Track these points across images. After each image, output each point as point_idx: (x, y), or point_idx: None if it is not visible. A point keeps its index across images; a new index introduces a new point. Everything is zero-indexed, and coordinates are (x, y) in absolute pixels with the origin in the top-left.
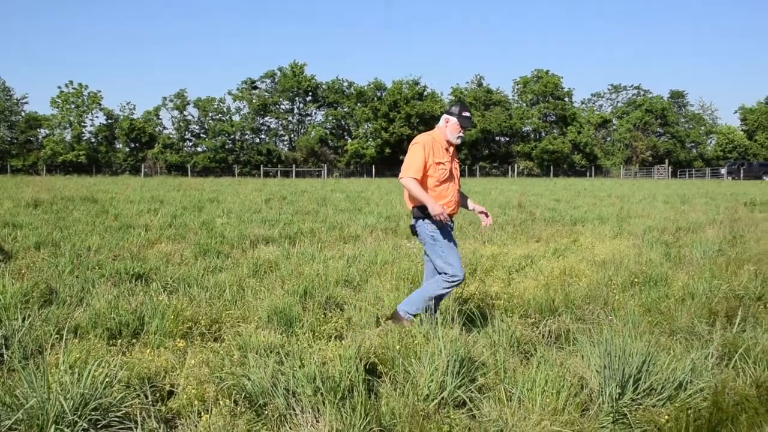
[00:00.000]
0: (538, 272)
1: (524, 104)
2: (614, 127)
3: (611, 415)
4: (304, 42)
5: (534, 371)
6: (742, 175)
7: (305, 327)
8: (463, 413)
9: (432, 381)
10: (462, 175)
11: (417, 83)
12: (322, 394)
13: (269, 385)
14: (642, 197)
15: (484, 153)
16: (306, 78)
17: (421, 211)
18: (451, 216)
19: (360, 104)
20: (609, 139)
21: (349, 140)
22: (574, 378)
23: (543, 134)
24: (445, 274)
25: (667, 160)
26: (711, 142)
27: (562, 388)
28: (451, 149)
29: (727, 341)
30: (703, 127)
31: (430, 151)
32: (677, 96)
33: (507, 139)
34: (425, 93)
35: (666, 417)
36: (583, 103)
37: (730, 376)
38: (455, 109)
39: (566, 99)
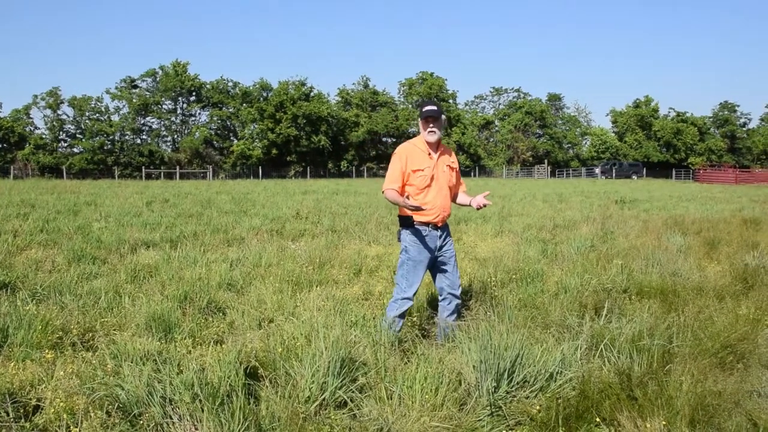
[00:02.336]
0: None
1: (410, 106)
2: (496, 128)
3: (488, 408)
4: (187, 40)
5: (414, 369)
6: (614, 175)
7: (185, 333)
8: (344, 413)
9: (313, 383)
10: (348, 175)
11: (303, 84)
12: (200, 400)
13: (145, 393)
14: (522, 196)
15: (371, 154)
16: (189, 77)
17: (403, 221)
18: (437, 225)
19: (246, 105)
20: (492, 140)
21: (235, 141)
22: (453, 374)
23: None
24: (397, 288)
25: (546, 160)
26: (586, 143)
27: (441, 384)
28: (437, 153)
29: (595, 332)
30: (578, 129)
31: (407, 159)
32: (554, 98)
33: (394, 140)
34: (312, 94)
35: (538, 407)
36: (466, 104)
37: (596, 366)
38: (419, 110)
39: (451, 101)
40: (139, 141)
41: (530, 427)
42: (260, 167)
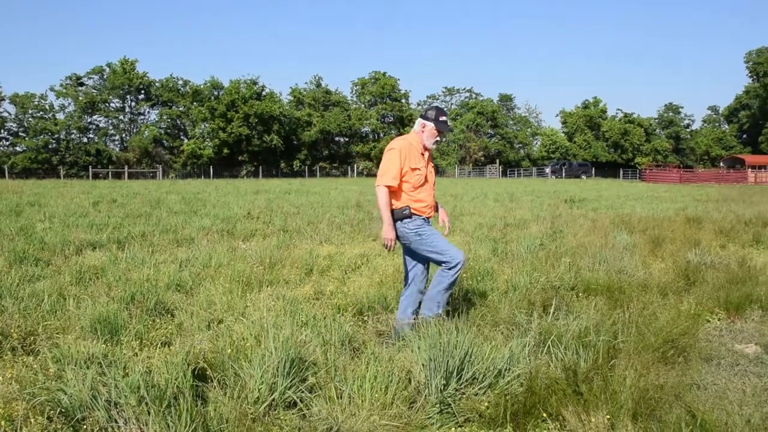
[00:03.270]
0: (373, 270)
1: (363, 105)
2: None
3: (437, 405)
4: (136, 38)
5: (364, 368)
6: (564, 174)
7: (131, 335)
8: (293, 414)
9: (262, 383)
10: (301, 175)
11: (255, 83)
12: (146, 403)
13: (88, 397)
14: (474, 196)
15: (324, 153)
16: (137, 75)
17: (399, 214)
18: (428, 219)
19: (196, 103)
20: (444, 139)
21: (186, 140)
22: (403, 372)
23: (382, 135)
24: (446, 263)
25: (497, 160)
26: (536, 143)
27: (391, 382)
28: (427, 154)
29: (543, 329)
30: (529, 129)
31: (406, 156)
32: (506, 99)
33: (347, 139)
34: (264, 93)
35: (486, 404)
36: (419, 104)
37: (543, 362)
38: (431, 114)
39: (403, 100)
40: (85, 140)
41: (479, 424)
42: (211, 167)
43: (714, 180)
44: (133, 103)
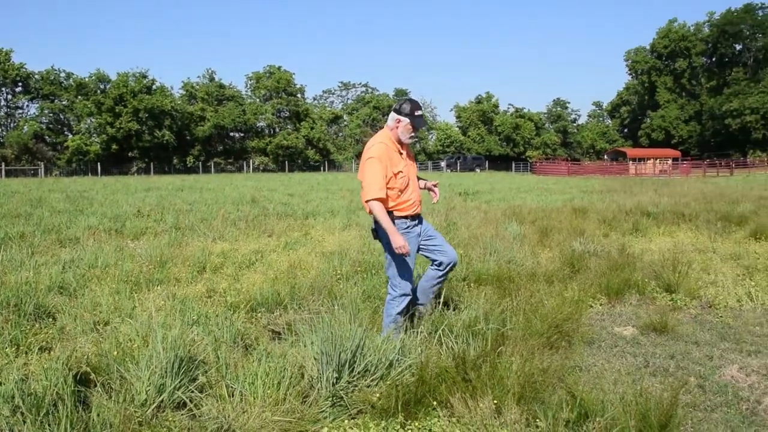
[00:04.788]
0: (267, 267)
1: (258, 100)
2: (345, 122)
3: (330, 399)
4: (9, 26)
5: (256, 365)
6: (459, 168)
7: (6, 341)
8: (183, 414)
9: (150, 385)
10: (195, 171)
11: (145, 76)
12: (22, 413)
13: None
14: None
15: (218, 149)
16: (13, 66)
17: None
18: (415, 216)
19: (81, 97)
20: (341, 134)
21: (70, 136)
22: (295, 368)
23: (277, 130)
24: (394, 288)
25: None
26: (432, 137)
27: (283, 378)
28: (405, 150)
29: (435, 320)
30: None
31: (387, 162)
32: (401, 94)
33: (242, 134)
34: (154, 87)
35: (378, 395)
36: (315, 99)
37: (434, 352)
38: (407, 108)
39: (299, 95)
40: None
41: (371, 415)
42: (99, 164)
43: (599, 172)
44: (10, 96)
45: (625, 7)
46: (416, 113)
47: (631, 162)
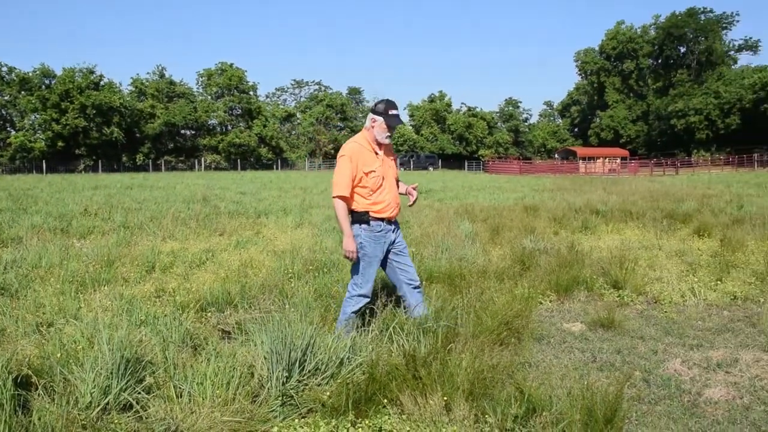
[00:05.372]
0: (218, 266)
1: (210, 97)
2: (298, 120)
3: (280, 398)
4: None
5: (205, 365)
6: (412, 166)
7: None
8: (129, 416)
9: (94, 387)
10: (145, 169)
11: (92, 72)
12: None
13: None
14: (324, 188)
15: (169, 147)
16: None
17: (358, 217)
18: (390, 220)
19: (25, 92)
20: (294, 132)
21: (13, 132)
22: (245, 367)
23: (229, 127)
24: (355, 287)
25: None
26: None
27: (233, 378)
28: (382, 151)
29: (386, 318)
30: None
31: (357, 161)
32: (354, 92)
33: (193, 132)
34: (102, 83)
35: (329, 393)
36: (267, 97)
37: (385, 350)
38: (381, 107)
39: (251, 93)
40: None
41: (322, 414)
42: (44, 161)
43: (550, 171)
44: None
45: (575, 8)
46: (390, 112)
47: (581, 161)
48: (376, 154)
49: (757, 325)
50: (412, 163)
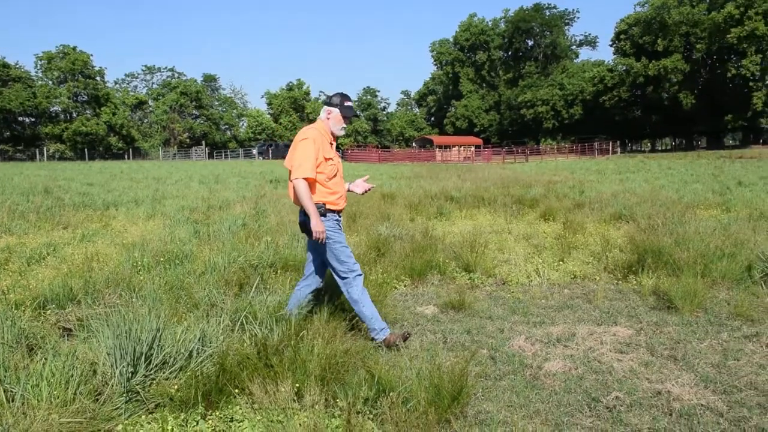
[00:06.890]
0: (61, 260)
1: (51, 82)
2: (151, 108)
3: (125, 395)
4: None
5: (40, 366)
6: (271, 155)
7: None
8: None
9: None
10: None
11: None
12: None
13: None
14: (179, 178)
15: (5, 135)
16: None
17: (318, 209)
18: (340, 211)
19: None
20: (146, 120)
21: None
22: (86, 365)
23: (75, 115)
24: (344, 274)
25: (204, 142)
26: (243, 124)
27: (72, 377)
28: (334, 143)
29: (239, 307)
30: (235, 111)
31: (320, 146)
32: (210, 79)
33: (33, 119)
34: None
35: (177, 387)
36: (116, 83)
37: (236, 339)
38: (336, 100)
39: (98, 78)
40: None
41: (170, 408)
42: None
43: (408, 159)
44: None
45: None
46: (345, 104)
47: (437, 149)
48: (331, 144)
49: (593, 301)
50: (271, 152)
